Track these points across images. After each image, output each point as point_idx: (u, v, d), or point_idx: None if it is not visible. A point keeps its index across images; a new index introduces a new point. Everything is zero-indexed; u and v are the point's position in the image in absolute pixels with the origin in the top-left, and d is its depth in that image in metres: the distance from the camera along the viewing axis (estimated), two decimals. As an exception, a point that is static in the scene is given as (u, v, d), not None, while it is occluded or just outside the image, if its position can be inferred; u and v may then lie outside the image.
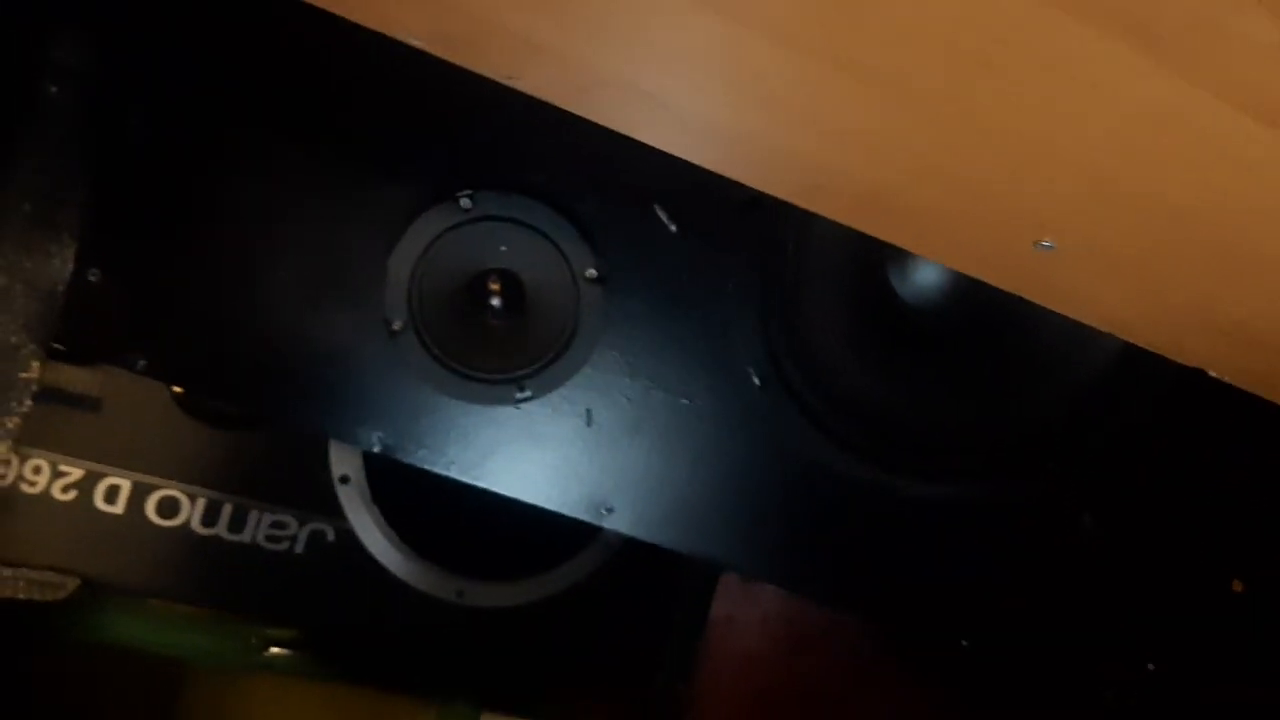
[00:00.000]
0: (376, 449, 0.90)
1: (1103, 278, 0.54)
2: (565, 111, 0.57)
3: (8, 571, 1.07)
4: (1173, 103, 0.38)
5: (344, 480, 1.12)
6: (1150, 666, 0.95)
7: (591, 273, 0.90)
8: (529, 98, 0.56)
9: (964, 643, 0.94)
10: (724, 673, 1.28)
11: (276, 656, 1.45)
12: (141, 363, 0.89)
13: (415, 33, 0.48)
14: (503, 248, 0.89)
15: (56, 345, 0.92)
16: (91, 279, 0.89)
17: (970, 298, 0.92)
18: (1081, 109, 0.40)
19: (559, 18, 0.45)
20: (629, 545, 1.19)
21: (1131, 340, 0.64)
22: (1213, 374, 0.67)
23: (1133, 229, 0.47)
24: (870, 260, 0.92)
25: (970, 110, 0.41)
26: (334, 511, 1.12)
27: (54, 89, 0.93)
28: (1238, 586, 1.01)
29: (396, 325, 0.88)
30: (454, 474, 0.91)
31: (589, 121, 0.57)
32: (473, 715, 1.56)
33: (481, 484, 0.92)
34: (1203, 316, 0.56)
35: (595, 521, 0.93)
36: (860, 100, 0.44)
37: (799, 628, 1.31)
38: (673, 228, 0.89)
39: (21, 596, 1.10)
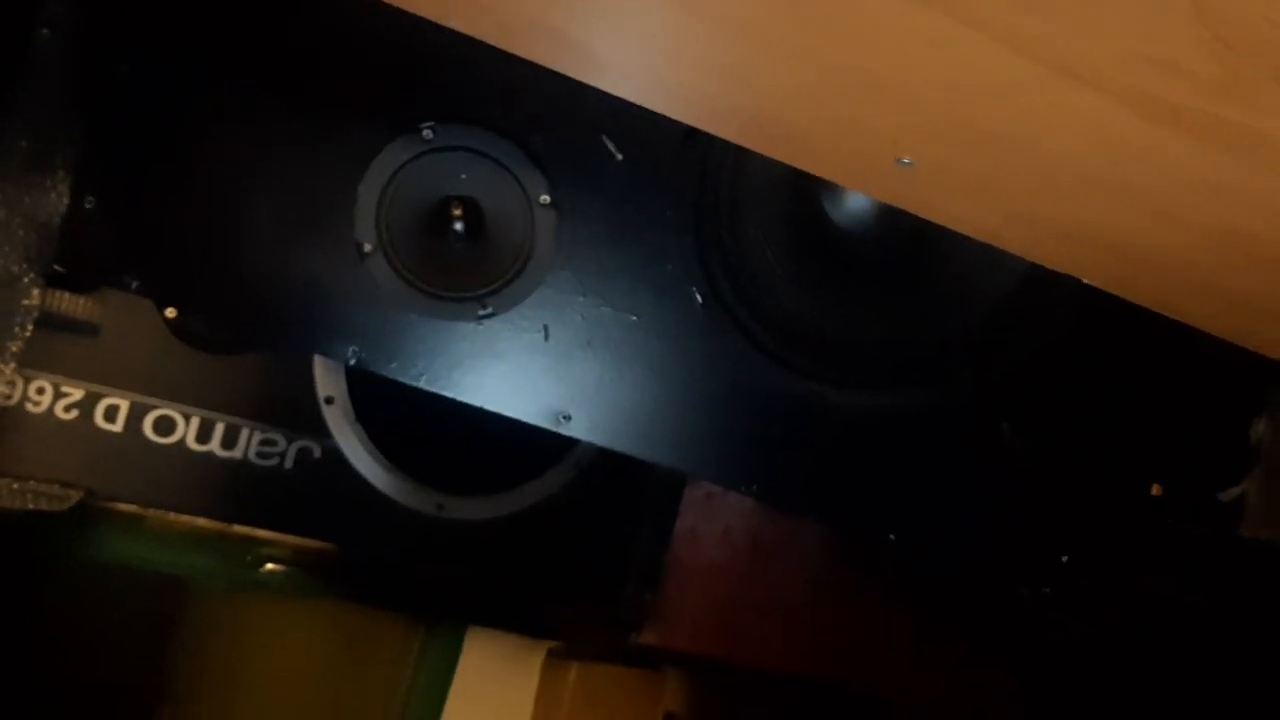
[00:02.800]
0: (352, 362, 1.00)
1: (959, 193, 0.64)
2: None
3: (15, 484, 1.15)
4: (951, 40, 0.47)
5: (329, 401, 1.20)
6: (1064, 559, 1.06)
7: (545, 199, 0.99)
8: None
9: (890, 537, 1.04)
10: (689, 582, 1.37)
11: (272, 574, 1.54)
12: (134, 283, 0.99)
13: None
14: (463, 176, 0.99)
15: (56, 268, 1.02)
16: (87, 206, 0.98)
17: (896, 220, 1.01)
18: (888, 47, 0.49)
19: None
20: (598, 462, 1.29)
21: (1005, 248, 0.74)
22: (1085, 280, 0.77)
23: (968, 150, 0.57)
24: (803, 186, 1.00)
25: (810, 49, 0.51)
26: (320, 430, 1.21)
27: (47, 33, 1.01)
28: (1156, 490, 1.11)
29: (367, 248, 0.98)
30: (423, 385, 1.01)
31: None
32: (458, 631, 1.66)
33: (448, 394, 1.01)
34: (1051, 225, 0.66)
35: (553, 428, 1.02)
36: (730, 42, 0.54)
37: (760, 541, 1.40)
38: (619, 157, 0.98)
39: (30, 507, 1.18)
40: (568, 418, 1.02)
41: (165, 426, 1.18)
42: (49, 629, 1.45)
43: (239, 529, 1.36)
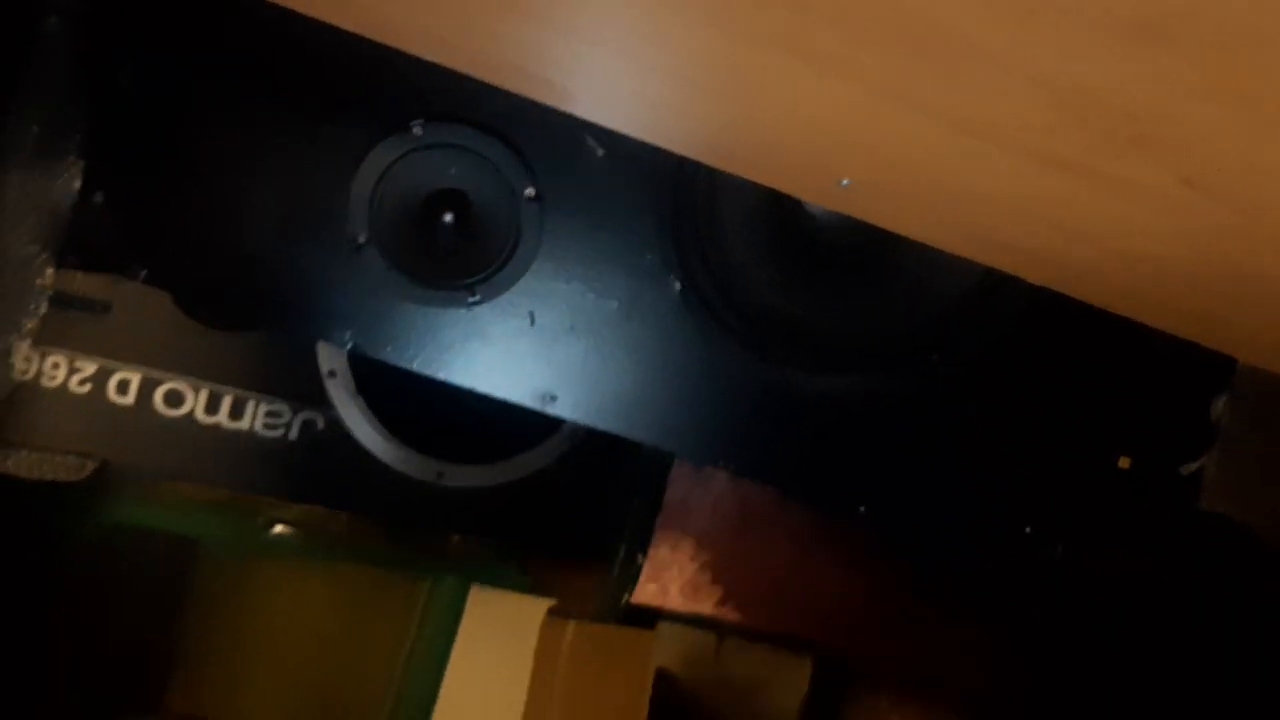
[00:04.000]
0: (348, 347, 1.08)
1: (897, 208, 0.71)
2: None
3: (33, 455, 1.23)
4: (862, 102, 0.53)
5: (331, 374, 1.26)
6: (1027, 530, 1.13)
7: (530, 192, 1.06)
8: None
9: (860, 509, 1.11)
10: (679, 546, 1.45)
11: (280, 536, 1.61)
12: (143, 272, 1.06)
13: (343, 23, 0.66)
14: (452, 171, 1.05)
15: (70, 258, 1.09)
16: (97, 201, 1.05)
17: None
18: (808, 102, 0.56)
19: (450, 19, 0.62)
20: (591, 434, 1.35)
21: (949, 250, 0.80)
22: (1030, 280, 0.84)
23: (894, 177, 0.64)
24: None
25: (749, 97, 0.58)
26: (324, 402, 1.27)
27: (55, 20, 1.07)
28: (1124, 463, 1.17)
29: (361, 239, 1.05)
30: (416, 368, 1.08)
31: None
32: (462, 588, 1.74)
33: (440, 377, 1.09)
34: (982, 237, 0.73)
35: (540, 408, 1.10)
36: (679, 88, 0.61)
37: (747, 509, 1.47)
38: (600, 153, 1.04)
39: (48, 477, 1.25)
40: (553, 398, 1.09)
41: (175, 399, 1.24)
42: (67, 593, 1.53)
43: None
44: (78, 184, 1.07)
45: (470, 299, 1.07)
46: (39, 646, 1.49)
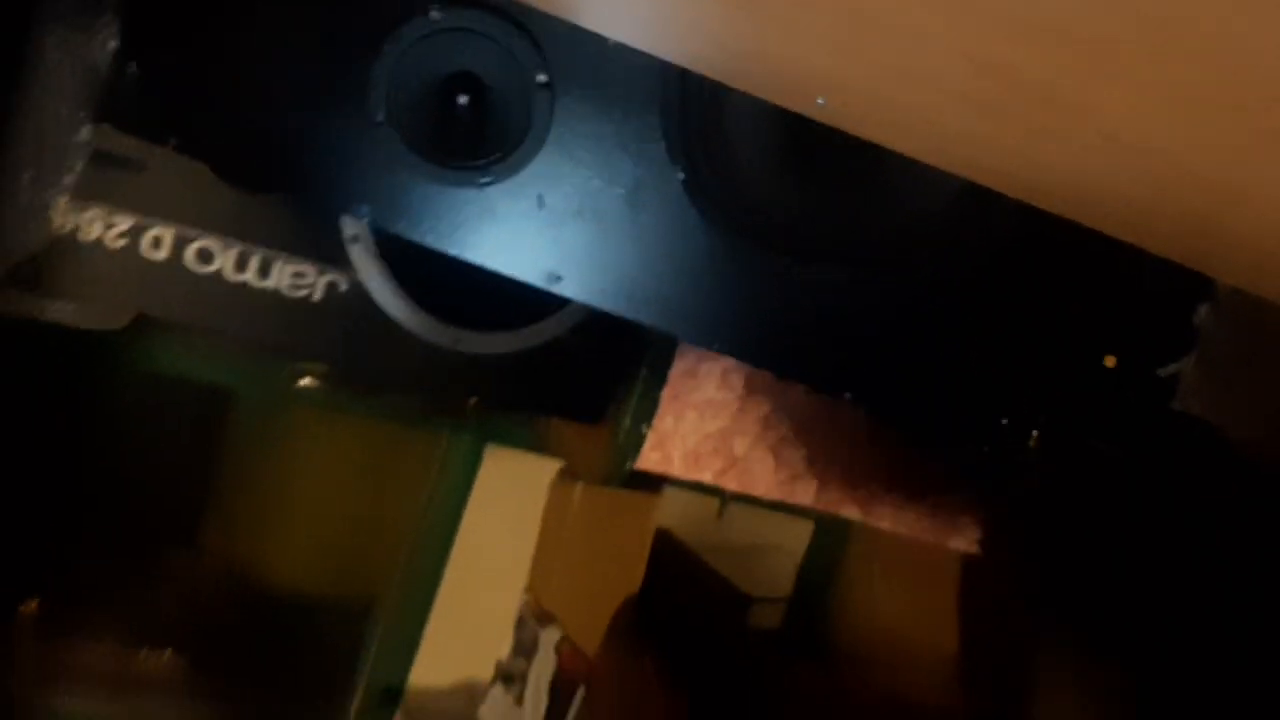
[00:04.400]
0: (365, 221, 1.14)
1: (868, 122, 0.76)
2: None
3: (71, 305, 1.30)
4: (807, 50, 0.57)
5: (354, 239, 1.32)
6: (1004, 421, 1.19)
7: (542, 78, 1.10)
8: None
9: (847, 395, 1.18)
10: (682, 418, 1.52)
11: (307, 388, 1.70)
12: (174, 141, 1.12)
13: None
14: (467, 54, 1.09)
15: (106, 121, 1.14)
16: (131, 71, 1.11)
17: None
18: (768, 45, 0.61)
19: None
20: (604, 307, 1.41)
21: (921, 159, 0.84)
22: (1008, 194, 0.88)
23: (860, 103, 0.69)
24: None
25: (725, 33, 0.63)
26: (348, 265, 1.33)
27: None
28: (1110, 362, 1.23)
29: (379, 118, 1.10)
30: (429, 243, 1.14)
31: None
32: (477, 445, 1.83)
33: (452, 252, 1.15)
34: (952, 156, 0.78)
35: (546, 287, 1.16)
36: (667, 18, 0.66)
37: (752, 383, 1.54)
38: (610, 42, 1.08)
39: (85, 326, 1.33)
40: (559, 278, 1.15)
41: (205, 256, 1.30)
42: (105, 435, 1.63)
43: (276, 347, 1.51)
44: (114, 44, 1.12)
45: (482, 180, 1.12)
46: (78, 485, 1.59)
